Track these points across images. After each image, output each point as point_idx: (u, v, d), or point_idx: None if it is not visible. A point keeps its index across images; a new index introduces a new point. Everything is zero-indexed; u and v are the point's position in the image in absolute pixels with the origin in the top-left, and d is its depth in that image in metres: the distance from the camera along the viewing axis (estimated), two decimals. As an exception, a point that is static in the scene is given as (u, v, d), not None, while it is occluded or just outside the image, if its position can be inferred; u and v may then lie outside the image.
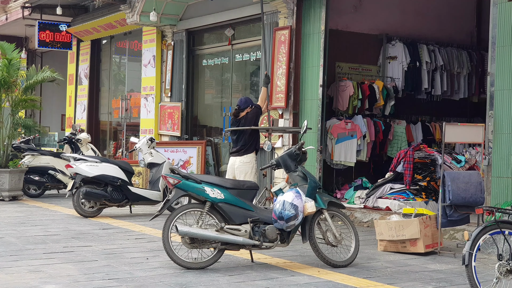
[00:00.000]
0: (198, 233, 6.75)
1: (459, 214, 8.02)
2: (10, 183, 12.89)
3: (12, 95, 13.67)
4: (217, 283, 6.19)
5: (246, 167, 9.36)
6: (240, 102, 9.70)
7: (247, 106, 9.56)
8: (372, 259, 7.64)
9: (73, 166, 10.84)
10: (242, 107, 9.58)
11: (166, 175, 7.00)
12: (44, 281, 6.12)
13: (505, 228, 5.44)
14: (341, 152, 11.49)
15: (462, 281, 6.42)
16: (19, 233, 8.94)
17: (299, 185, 7.15)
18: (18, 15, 19.31)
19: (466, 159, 10.21)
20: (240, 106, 9.61)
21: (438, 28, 13.68)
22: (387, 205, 10.30)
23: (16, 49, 14.00)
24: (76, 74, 19.61)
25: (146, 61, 15.71)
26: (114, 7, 16.24)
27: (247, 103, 9.64)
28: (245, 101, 9.70)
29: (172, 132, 14.93)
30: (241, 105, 9.61)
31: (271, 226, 6.92)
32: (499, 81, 8.49)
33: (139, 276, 6.40)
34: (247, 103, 9.63)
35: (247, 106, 9.56)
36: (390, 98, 12.35)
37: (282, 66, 11.68)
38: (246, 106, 9.56)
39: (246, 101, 9.72)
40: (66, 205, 12.24)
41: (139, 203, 11.16)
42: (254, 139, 9.52)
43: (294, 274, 6.67)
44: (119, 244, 8.26)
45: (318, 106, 11.34)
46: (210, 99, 15.49)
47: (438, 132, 12.67)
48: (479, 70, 13.79)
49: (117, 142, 18.41)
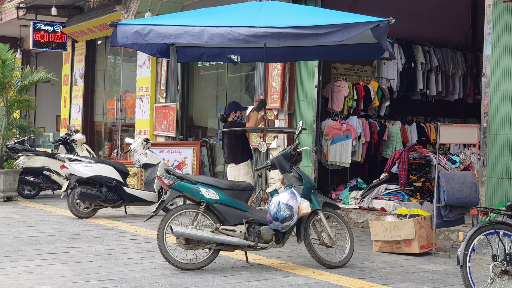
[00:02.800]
0: (193, 234, 6.75)
1: (454, 215, 8.04)
2: (5, 184, 12.86)
3: (7, 95, 13.63)
4: (212, 284, 6.19)
5: (233, 171, 9.50)
6: (225, 108, 9.83)
7: (231, 111, 9.61)
8: (367, 259, 7.64)
9: (68, 166, 10.82)
10: (226, 113, 9.72)
11: (161, 175, 7.00)
12: (39, 282, 6.11)
13: (499, 228, 5.45)
14: (336, 153, 11.49)
15: (457, 281, 6.43)
16: (14, 234, 8.92)
17: (294, 186, 7.15)
18: (12, 15, 19.28)
19: (461, 160, 10.23)
20: (225, 112, 9.75)
21: (433, 29, 13.70)
22: (382, 206, 10.31)
23: (11, 50, 13.96)
24: (71, 74, 19.58)
25: (141, 62, 15.70)
26: (109, 8, 16.23)
27: (230, 108, 9.70)
28: (228, 107, 9.79)
29: (167, 133, 14.92)
30: (225, 111, 9.76)
31: (266, 227, 6.92)
32: (494, 82, 8.51)
33: (134, 277, 6.39)
34: (230, 108, 9.69)
35: (230, 112, 9.61)
36: (385, 98, 12.36)
37: (278, 67, 11.68)
38: (230, 112, 9.62)
39: (229, 106, 9.79)
40: (61, 205, 12.22)
41: (134, 204, 11.14)
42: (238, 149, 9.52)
43: (289, 275, 6.67)
44: (114, 245, 8.25)
45: (313, 107, 11.35)
46: (205, 100, 15.48)
47: (433, 133, 12.68)
48: (474, 71, 13.82)
49: (112, 142, 18.39)
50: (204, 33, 7.70)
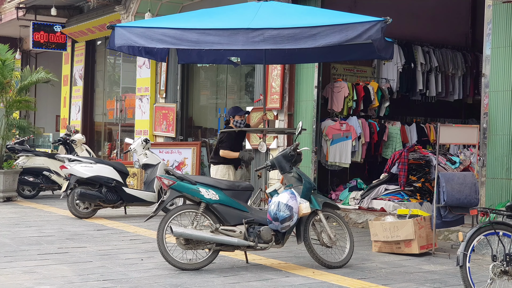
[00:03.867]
0: (193, 234, 6.75)
1: (454, 215, 8.04)
2: (5, 184, 12.87)
3: (7, 96, 13.64)
4: (211, 284, 6.19)
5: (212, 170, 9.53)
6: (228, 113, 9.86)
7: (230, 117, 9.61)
8: (366, 260, 7.65)
9: (67, 167, 10.82)
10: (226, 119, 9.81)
11: (161, 176, 7.00)
12: (39, 282, 6.11)
13: (499, 229, 5.45)
14: (336, 153, 11.49)
15: (457, 282, 6.43)
16: (14, 234, 8.92)
17: (294, 186, 7.15)
18: (12, 16, 19.29)
19: (460, 160, 10.23)
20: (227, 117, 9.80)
21: (433, 29, 13.70)
22: (382, 206, 10.32)
23: (10, 50, 13.97)
24: (71, 75, 19.58)
25: (141, 62, 15.69)
26: (109, 8, 16.23)
27: (229, 113, 9.71)
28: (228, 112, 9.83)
29: (167, 133, 14.92)
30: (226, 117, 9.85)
31: (266, 227, 6.92)
32: (494, 82, 8.51)
33: (133, 277, 6.40)
34: (229, 113, 9.69)
35: (229, 117, 9.63)
36: (385, 99, 12.36)
37: (277, 68, 11.68)
38: (229, 117, 9.63)
39: (229, 112, 9.80)
40: (60, 206, 12.22)
41: (134, 204, 11.14)
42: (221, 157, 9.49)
43: (288, 275, 6.67)
44: (114, 245, 8.25)
45: (313, 107, 11.35)
46: (205, 100, 15.49)
47: (432, 133, 12.68)
48: (474, 71, 13.81)
49: (111, 143, 18.40)
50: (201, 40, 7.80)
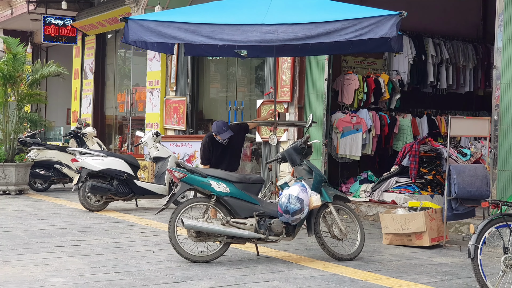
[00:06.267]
0: (204, 226, 6.77)
1: (465, 208, 8.02)
2: (16, 177, 12.94)
3: (18, 89, 13.70)
4: (223, 276, 6.21)
5: None
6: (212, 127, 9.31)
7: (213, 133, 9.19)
8: (377, 252, 7.65)
9: (79, 160, 10.87)
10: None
11: (172, 169, 7.02)
12: (51, 274, 6.15)
13: (511, 221, 5.44)
14: (346, 146, 11.47)
15: (468, 274, 6.42)
16: (26, 227, 8.97)
17: (304, 179, 7.15)
18: (23, 9, 19.35)
19: (471, 153, 10.18)
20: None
21: (443, 21, 13.63)
22: (393, 199, 10.30)
23: (21, 44, 14.02)
24: (82, 68, 19.64)
25: (151, 56, 15.71)
26: (119, 1, 16.26)
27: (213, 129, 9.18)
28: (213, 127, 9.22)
29: (177, 126, 14.95)
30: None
31: (277, 220, 6.93)
32: (505, 74, 8.47)
33: (145, 270, 6.42)
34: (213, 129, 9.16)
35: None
36: (395, 91, 12.32)
37: (287, 60, 11.66)
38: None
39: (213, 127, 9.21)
40: (72, 199, 12.28)
41: (145, 197, 11.19)
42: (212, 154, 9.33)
43: (299, 268, 6.68)
44: (125, 238, 8.28)
45: (323, 100, 11.33)
46: (215, 93, 15.49)
47: (443, 126, 12.64)
48: (485, 63, 13.75)
49: (122, 136, 18.45)
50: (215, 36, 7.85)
